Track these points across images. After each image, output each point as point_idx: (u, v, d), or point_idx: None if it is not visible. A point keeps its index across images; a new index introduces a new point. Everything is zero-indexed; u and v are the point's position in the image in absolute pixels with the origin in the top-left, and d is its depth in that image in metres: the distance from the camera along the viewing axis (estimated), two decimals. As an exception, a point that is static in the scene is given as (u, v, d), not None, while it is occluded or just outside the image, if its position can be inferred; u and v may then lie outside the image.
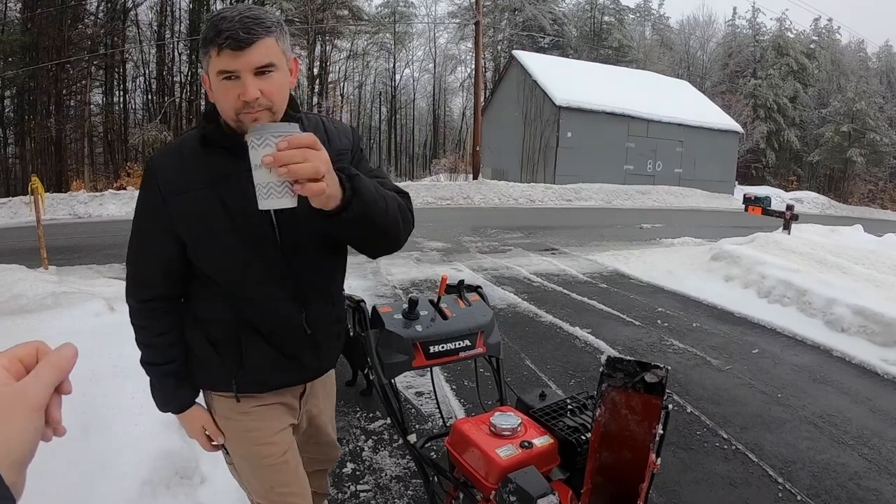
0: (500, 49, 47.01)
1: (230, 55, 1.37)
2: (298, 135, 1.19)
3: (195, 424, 1.81)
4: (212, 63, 1.41)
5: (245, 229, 1.56)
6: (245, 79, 1.40)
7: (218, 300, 1.67)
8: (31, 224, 8.64)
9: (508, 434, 1.77)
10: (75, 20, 28.30)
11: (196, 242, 1.60)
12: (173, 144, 1.64)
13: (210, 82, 1.46)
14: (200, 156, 1.56)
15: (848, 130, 37.75)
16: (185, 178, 1.55)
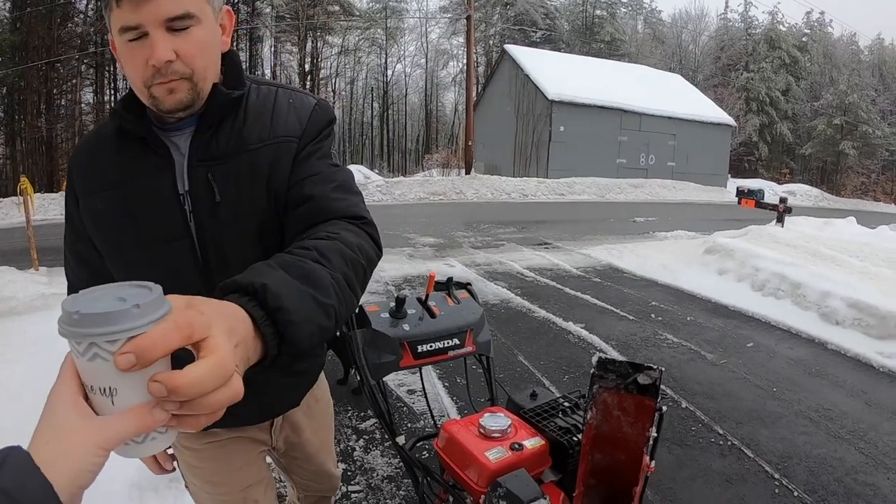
0: (492, 44, 47.01)
1: (132, 5, 1.03)
2: (155, 335, 0.61)
3: None
4: (112, 18, 1.06)
5: (153, 243, 1.25)
6: (153, 36, 1.05)
7: None
8: (22, 225, 8.56)
9: (498, 436, 1.72)
10: (65, 19, 28.18)
11: (107, 257, 1.30)
12: (92, 133, 1.33)
13: (119, 47, 1.10)
14: (115, 149, 1.24)
15: (840, 123, 37.87)
16: (94, 177, 1.25)
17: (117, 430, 0.62)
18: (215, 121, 1.22)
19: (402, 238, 11.29)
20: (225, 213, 1.24)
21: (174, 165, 1.22)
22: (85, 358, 0.62)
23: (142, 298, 0.62)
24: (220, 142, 1.23)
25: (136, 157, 1.22)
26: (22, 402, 2.92)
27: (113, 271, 1.30)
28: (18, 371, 3.28)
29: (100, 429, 0.61)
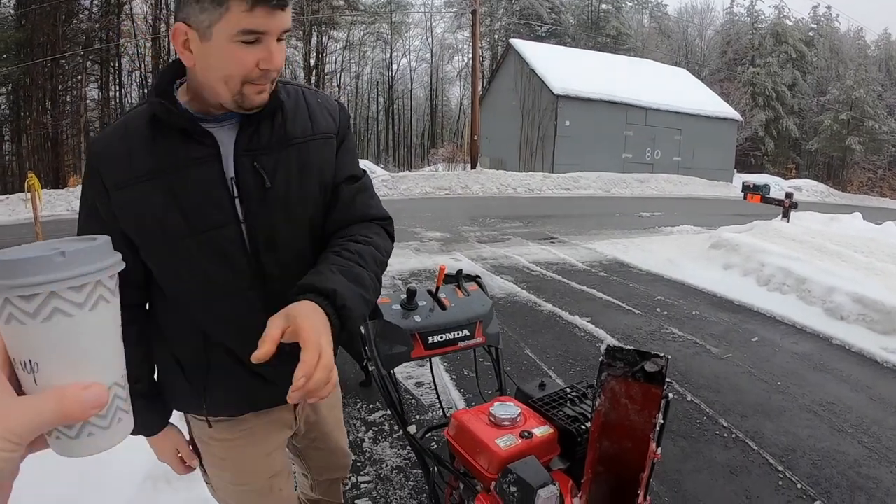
0: (497, 38, 46.91)
1: (266, 13, 1.13)
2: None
3: (166, 445, 1.60)
4: (231, 18, 1.12)
5: (204, 229, 1.29)
6: (272, 44, 1.17)
7: (182, 316, 1.42)
8: (30, 221, 8.62)
9: (508, 424, 1.76)
10: (69, 15, 28.13)
11: (146, 248, 1.32)
12: (118, 123, 1.33)
13: (201, 48, 1.18)
14: (148, 139, 1.27)
15: (847, 118, 37.65)
16: (131, 167, 1.26)
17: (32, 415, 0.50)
18: (262, 117, 1.31)
19: (408, 232, 11.32)
20: (275, 198, 1.34)
21: (221, 155, 1.29)
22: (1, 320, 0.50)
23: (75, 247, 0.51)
24: (262, 135, 1.32)
25: (177, 147, 1.27)
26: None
27: (151, 262, 1.34)
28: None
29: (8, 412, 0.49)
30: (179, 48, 1.21)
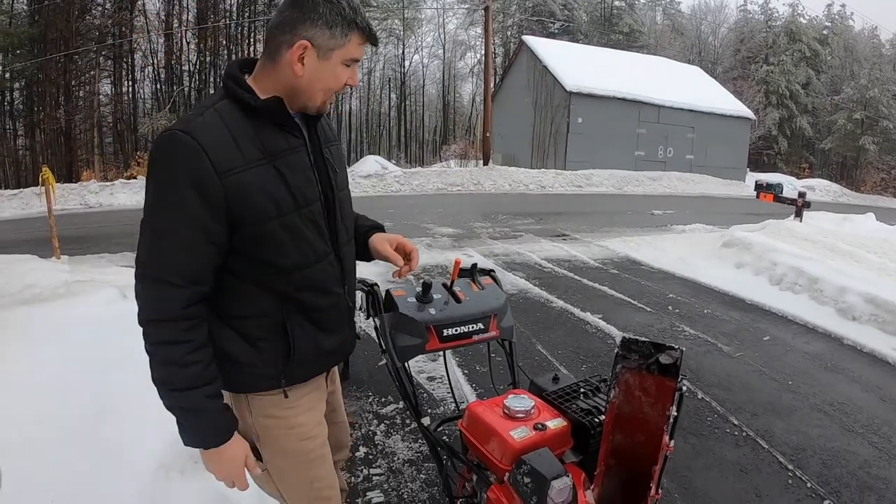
0: (509, 34, 46.84)
1: (364, 48, 1.51)
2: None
3: (240, 450, 1.57)
4: (348, 49, 1.47)
5: (304, 206, 1.53)
6: (355, 68, 1.52)
7: (261, 290, 1.53)
8: (43, 214, 8.68)
9: (522, 416, 1.78)
10: (83, 11, 28.28)
11: (257, 225, 1.45)
12: (207, 116, 1.43)
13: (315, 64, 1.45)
14: (248, 129, 1.45)
15: (861, 118, 37.31)
16: (243, 153, 1.42)
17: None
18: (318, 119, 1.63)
19: (420, 228, 11.34)
20: (339, 182, 1.68)
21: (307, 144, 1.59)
22: None
23: None
24: (321, 133, 1.65)
25: (276, 136, 1.49)
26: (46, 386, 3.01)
27: (257, 239, 1.48)
28: (43, 356, 3.35)
29: None
30: (293, 60, 1.44)
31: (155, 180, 1.41)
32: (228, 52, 33.76)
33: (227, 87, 1.48)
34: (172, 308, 1.40)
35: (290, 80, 1.47)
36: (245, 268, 1.51)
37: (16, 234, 11.38)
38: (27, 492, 2.30)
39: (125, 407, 2.89)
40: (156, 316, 1.41)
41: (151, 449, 2.64)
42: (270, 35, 1.48)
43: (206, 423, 1.49)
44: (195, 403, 1.45)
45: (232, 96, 1.46)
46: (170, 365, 1.43)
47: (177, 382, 1.43)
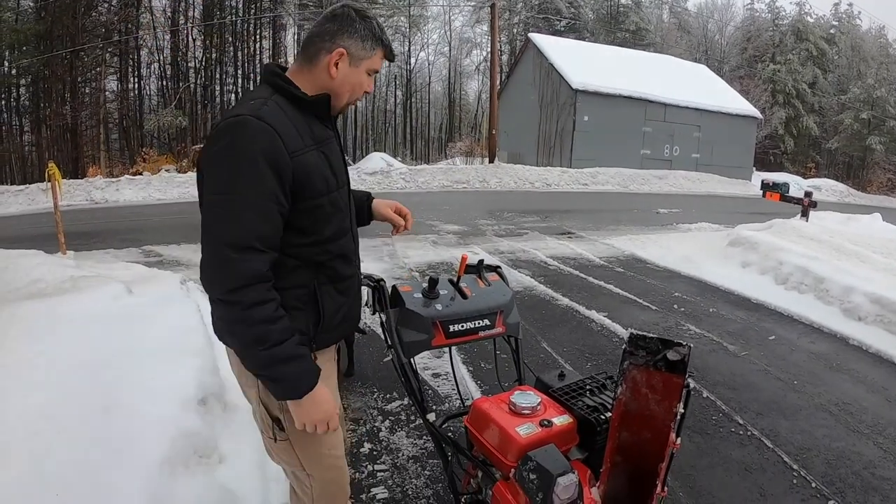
0: (515, 32, 46.79)
1: (385, 62, 1.84)
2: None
3: (327, 392, 1.74)
4: (373, 61, 1.79)
5: (340, 188, 1.82)
6: (374, 79, 1.87)
7: (298, 263, 1.73)
8: (49, 210, 8.70)
9: (528, 413, 1.77)
10: (89, 8, 28.30)
11: (314, 199, 1.70)
12: (270, 105, 1.65)
13: (348, 69, 1.75)
14: (300, 119, 1.70)
15: (867, 118, 37.20)
16: (301, 137, 1.67)
17: None
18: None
19: (425, 225, 11.34)
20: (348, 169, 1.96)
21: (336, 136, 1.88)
22: None
23: None
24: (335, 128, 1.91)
25: (319, 127, 1.77)
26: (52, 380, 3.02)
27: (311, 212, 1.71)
28: (50, 351, 3.36)
29: None
30: (330, 63, 1.73)
31: (231, 160, 1.56)
32: (234, 49, 33.82)
33: (275, 84, 1.72)
34: (259, 270, 1.57)
35: (325, 81, 1.75)
36: (291, 240, 1.69)
37: (22, 229, 11.42)
38: (32, 485, 2.31)
39: (130, 402, 2.90)
40: (244, 281, 1.54)
41: (156, 444, 2.64)
42: (310, 41, 1.76)
43: (302, 368, 1.66)
44: (290, 352, 1.61)
45: (282, 91, 1.71)
46: (263, 323, 1.57)
47: (272, 337, 1.57)
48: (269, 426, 1.82)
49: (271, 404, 1.78)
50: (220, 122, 1.63)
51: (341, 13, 1.75)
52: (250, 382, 1.79)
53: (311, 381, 1.67)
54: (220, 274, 1.55)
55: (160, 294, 5.10)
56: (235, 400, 3.69)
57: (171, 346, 3.67)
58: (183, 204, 15.61)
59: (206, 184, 1.62)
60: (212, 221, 1.57)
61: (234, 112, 1.63)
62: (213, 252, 1.56)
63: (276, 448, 1.87)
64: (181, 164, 24.25)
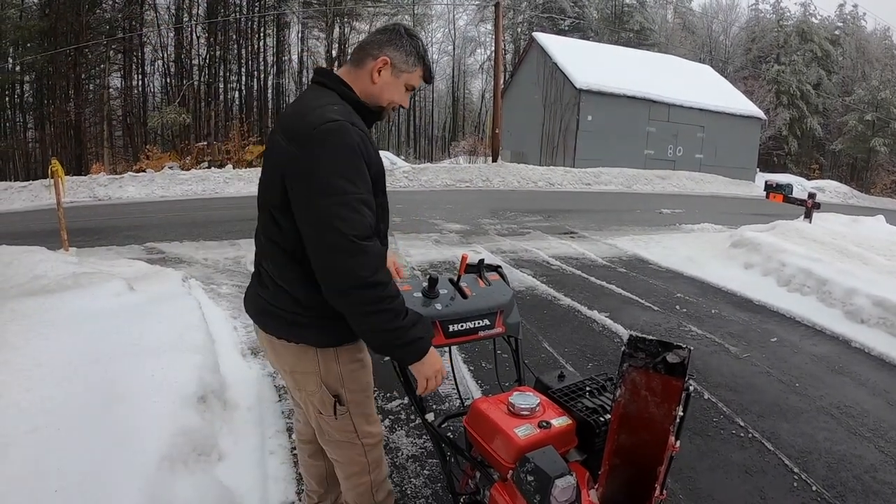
0: (520, 31, 46.76)
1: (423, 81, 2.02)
2: None
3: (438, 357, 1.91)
4: (413, 76, 1.97)
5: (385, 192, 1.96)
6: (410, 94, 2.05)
7: None
8: (52, 207, 8.70)
9: (527, 414, 1.77)
10: (93, 5, 28.34)
11: (382, 196, 1.91)
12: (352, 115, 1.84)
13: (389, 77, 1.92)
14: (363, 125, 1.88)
15: (872, 119, 37.09)
16: (372, 142, 1.85)
17: None
18: None
19: (428, 224, 11.33)
20: None
21: None
22: None
23: None
24: None
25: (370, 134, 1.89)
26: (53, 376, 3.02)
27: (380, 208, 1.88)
28: (51, 347, 3.36)
29: None
30: (374, 69, 1.91)
31: (341, 161, 1.72)
32: (238, 47, 33.82)
33: (342, 93, 1.90)
34: (382, 255, 1.78)
35: (367, 86, 1.92)
36: None
37: (25, 226, 11.44)
38: (32, 481, 2.31)
39: (130, 398, 2.90)
40: (377, 264, 1.73)
41: (156, 441, 2.65)
42: (361, 48, 1.95)
43: (425, 329, 1.86)
44: (415, 317, 1.82)
45: (348, 99, 1.89)
46: (396, 297, 1.77)
47: (401, 309, 1.77)
48: (329, 405, 1.97)
49: (332, 382, 1.96)
50: (316, 128, 1.72)
51: (392, 28, 1.96)
52: (309, 369, 1.95)
53: (429, 339, 1.86)
54: (357, 263, 1.69)
55: (162, 291, 5.11)
56: (236, 398, 3.70)
57: (172, 344, 3.67)
58: (186, 201, 15.62)
59: (314, 185, 1.70)
60: (333, 218, 1.68)
61: (326, 117, 1.75)
62: (343, 246, 1.68)
63: (335, 425, 2.02)
64: (184, 161, 24.27)
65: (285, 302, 1.90)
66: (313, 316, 1.87)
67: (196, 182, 17.94)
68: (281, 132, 1.84)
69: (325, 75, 1.96)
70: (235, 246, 8.77)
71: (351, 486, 2.17)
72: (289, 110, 1.95)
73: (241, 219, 11.27)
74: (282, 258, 1.87)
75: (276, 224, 1.85)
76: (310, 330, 1.89)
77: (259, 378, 4.15)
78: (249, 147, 25.27)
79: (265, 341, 2.04)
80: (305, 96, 1.93)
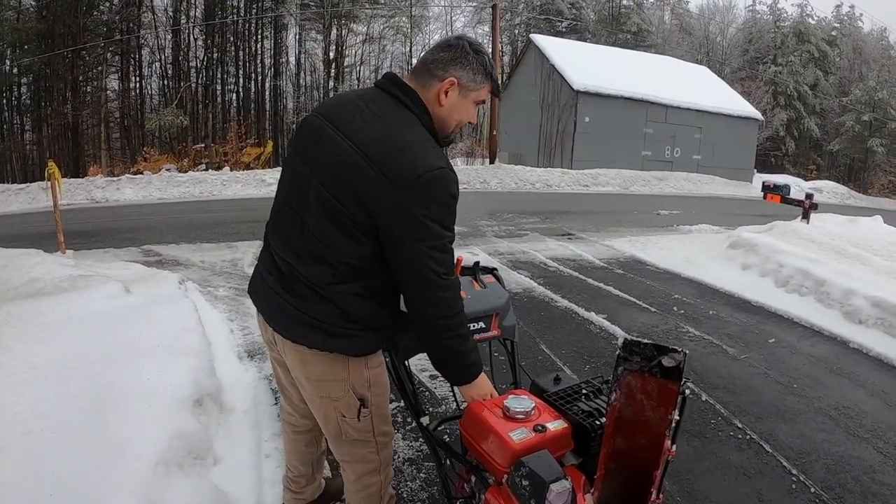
0: (517, 33, 46.72)
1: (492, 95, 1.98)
2: None
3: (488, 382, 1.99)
4: (480, 93, 1.92)
5: None
6: (479, 109, 2.00)
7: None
8: (49, 209, 8.68)
9: (522, 417, 1.76)
10: (90, 7, 28.32)
11: None
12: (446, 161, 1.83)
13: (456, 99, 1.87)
14: None
15: (869, 120, 37.09)
16: None
17: None
18: None
19: (425, 226, 11.28)
20: None
21: None
22: None
23: None
24: None
25: None
26: (48, 379, 3.01)
27: None
28: (46, 350, 3.35)
29: None
30: (441, 91, 1.85)
31: (443, 205, 1.76)
32: (235, 49, 33.82)
33: (424, 123, 1.84)
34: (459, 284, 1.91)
35: (434, 107, 1.86)
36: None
37: (21, 228, 11.41)
38: (27, 483, 2.30)
39: (126, 402, 2.89)
40: (459, 296, 1.87)
41: (151, 444, 2.64)
42: (425, 68, 1.87)
43: (478, 355, 1.96)
44: (473, 343, 1.94)
45: (428, 129, 1.85)
46: (464, 324, 1.91)
47: (468, 334, 1.93)
48: (355, 408, 1.98)
49: (359, 386, 1.98)
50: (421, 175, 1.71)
51: (456, 44, 1.87)
52: (339, 377, 1.95)
53: (481, 364, 1.96)
54: (447, 297, 1.81)
55: (158, 294, 5.10)
56: (232, 401, 3.69)
57: (168, 346, 3.66)
58: (183, 204, 15.59)
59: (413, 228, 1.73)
60: (429, 260, 1.75)
61: (430, 164, 1.73)
62: (437, 283, 1.78)
63: (357, 427, 2.03)
64: (182, 163, 24.21)
65: (330, 315, 1.86)
66: (358, 329, 1.89)
67: (193, 184, 17.90)
68: (367, 157, 1.75)
69: (411, 98, 1.85)
70: (233, 248, 8.76)
71: (360, 486, 2.16)
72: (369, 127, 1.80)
73: (239, 221, 11.26)
74: (339, 274, 1.84)
75: (342, 239, 1.80)
76: (351, 341, 1.90)
77: (255, 381, 4.14)
78: (247, 149, 25.21)
79: (290, 350, 1.98)
80: (390, 118, 1.81)
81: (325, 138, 1.82)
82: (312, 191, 1.83)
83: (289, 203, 1.93)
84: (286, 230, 1.94)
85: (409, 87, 1.86)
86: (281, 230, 1.97)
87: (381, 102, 1.84)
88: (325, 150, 1.81)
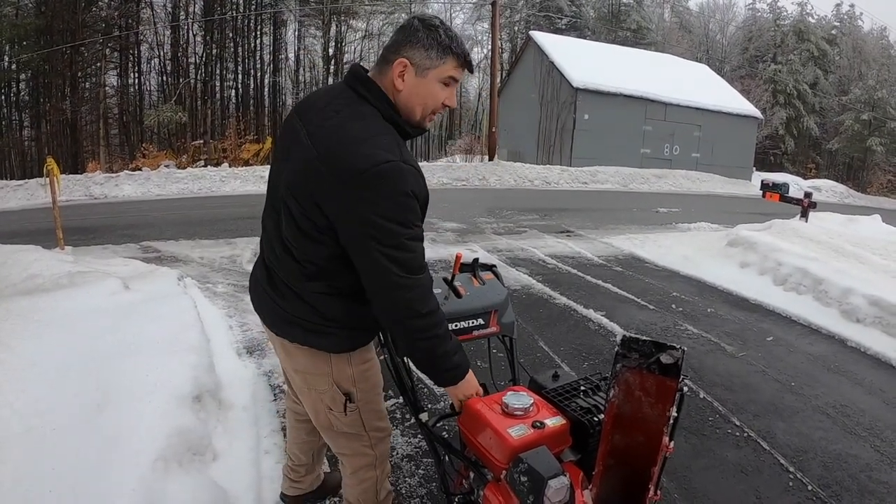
0: (516, 30, 46.69)
1: (466, 72, 1.82)
2: None
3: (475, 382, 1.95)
4: (444, 70, 1.76)
5: None
6: (455, 89, 1.84)
7: None
8: (48, 205, 8.68)
9: (521, 414, 1.76)
10: (89, 3, 28.35)
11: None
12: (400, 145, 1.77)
13: (413, 80, 1.76)
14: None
15: (868, 119, 37.12)
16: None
17: None
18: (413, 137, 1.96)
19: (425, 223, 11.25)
20: None
21: None
22: None
23: None
24: None
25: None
26: (47, 376, 3.01)
27: None
28: (45, 346, 3.35)
29: None
30: (395, 76, 1.75)
31: (394, 201, 1.67)
32: (234, 45, 33.82)
33: (385, 114, 1.77)
34: (431, 283, 1.82)
35: (392, 93, 1.78)
36: None
37: (20, 224, 11.39)
38: (27, 480, 2.30)
39: (125, 398, 2.89)
40: (428, 295, 1.78)
41: (150, 441, 2.64)
42: (382, 55, 1.81)
43: (464, 357, 1.89)
44: (456, 345, 1.87)
45: (389, 120, 1.78)
46: (441, 325, 1.81)
47: (446, 335, 1.83)
48: (340, 402, 1.97)
49: (344, 381, 1.96)
50: (366, 171, 1.63)
51: (406, 24, 1.80)
52: (322, 371, 1.95)
53: (467, 364, 1.90)
54: (420, 295, 1.74)
55: (157, 290, 5.10)
56: (231, 397, 3.69)
57: (168, 343, 3.66)
58: (182, 200, 15.57)
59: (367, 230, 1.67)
60: (388, 261, 1.68)
61: (377, 157, 1.64)
62: (399, 284, 1.70)
63: (345, 421, 2.02)
64: (181, 159, 24.20)
65: (306, 313, 1.88)
66: (334, 326, 1.88)
67: (192, 180, 17.87)
68: (317, 155, 1.71)
69: (369, 89, 1.79)
70: (231, 245, 8.74)
71: (356, 481, 2.17)
72: (325, 123, 1.76)
73: (238, 217, 11.25)
74: (307, 273, 1.84)
75: (305, 241, 1.79)
76: (328, 338, 1.90)
77: (254, 377, 4.14)
78: (246, 145, 25.20)
79: (277, 343, 2.03)
80: (345, 113, 1.77)
81: (297, 137, 1.80)
82: (282, 190, 1.82)
83: (271, 202, 1.94)
84: (267, 229, 1.97)
85: (368, 79, 1.80)
86: (264, 229, 2.00)
87: (343, 97, 1.81)
88: (294, 149, 1.80)
